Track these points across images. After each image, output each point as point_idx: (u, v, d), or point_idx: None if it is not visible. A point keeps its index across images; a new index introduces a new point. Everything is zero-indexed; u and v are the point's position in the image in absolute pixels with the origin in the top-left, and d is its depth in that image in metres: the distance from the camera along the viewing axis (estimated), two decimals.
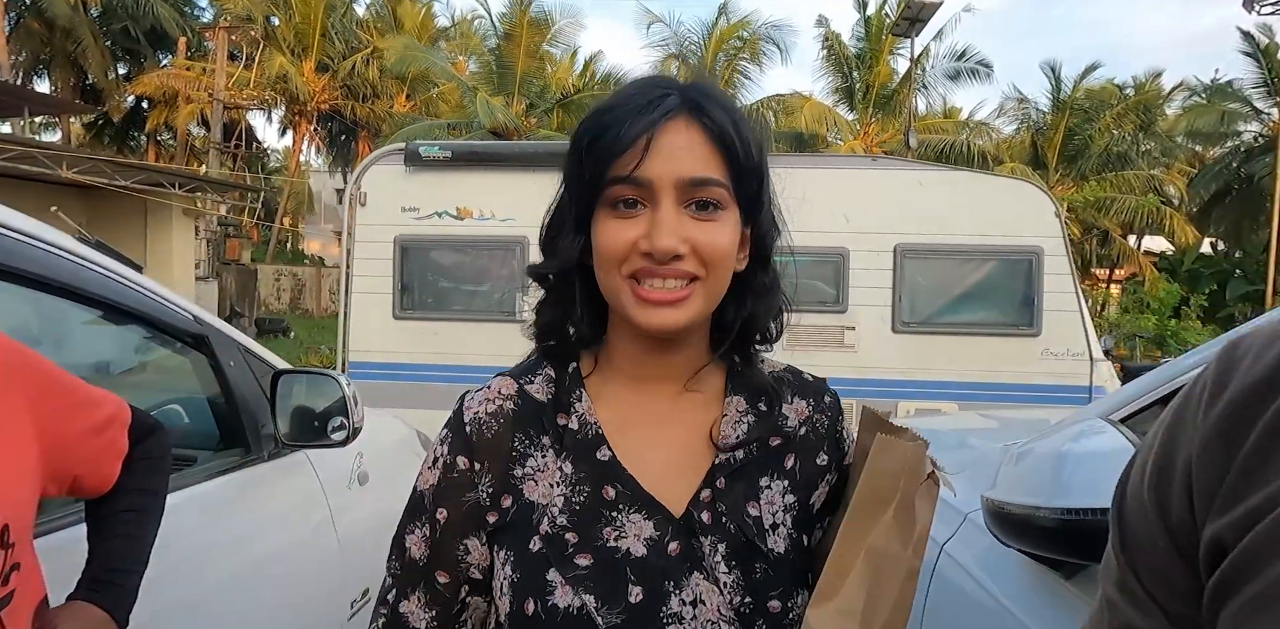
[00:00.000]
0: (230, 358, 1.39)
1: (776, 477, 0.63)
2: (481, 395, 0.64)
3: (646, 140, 0.56)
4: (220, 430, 1.40)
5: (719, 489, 0.61)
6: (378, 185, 4.69)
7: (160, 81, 20.49)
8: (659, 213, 0.57)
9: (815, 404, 0.67)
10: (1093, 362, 4.31)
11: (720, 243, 0.58)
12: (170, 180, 10.30)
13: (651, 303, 0.57)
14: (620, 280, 0.58)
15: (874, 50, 19.87)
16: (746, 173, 0.59)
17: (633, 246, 0.57)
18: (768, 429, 0.64)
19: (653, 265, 0.57)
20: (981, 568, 1.07)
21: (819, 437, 0.66)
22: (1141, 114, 20.01)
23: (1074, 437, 0.85)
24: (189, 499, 1.28)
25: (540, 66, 19.64)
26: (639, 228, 0.57)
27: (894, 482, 0.59)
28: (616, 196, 0.58)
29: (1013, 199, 4.39)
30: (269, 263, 19.84)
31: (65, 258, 1.09)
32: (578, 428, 0.62)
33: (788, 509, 0.63)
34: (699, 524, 0.59)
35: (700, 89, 0.59)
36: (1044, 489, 0.81)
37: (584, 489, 0.60)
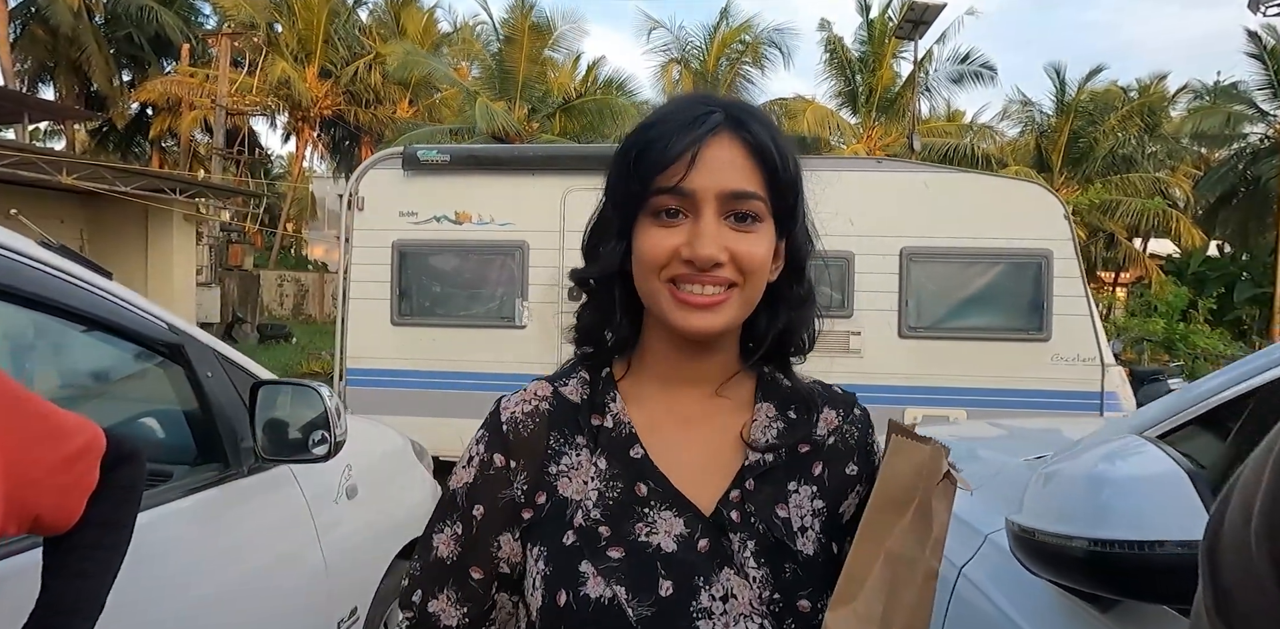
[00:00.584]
0: (207, 368, 1.32)
1: (804, 482, 0.65)
2: (518, 397, 0.67)
3: (692, 154, 0.59)
4: (197, 444, 1.34)
5: (748, 490, 0.63)
6: (375, 189, 4.64)
7: (164, 88, 20.55)
8: (701, 223, 0.60)
9: (845, 415, 0.69)
10: (1104, 367, 4.22)
11: (757, 253, 0.61)
12: (171, 186, 10.28)
13: (691, 306, 0.60)
14: (660, 284, 0.61)
15: (877, 54, 19.85)
16: (784, 187, 0.62)
17: (674, 253, 0.60)
18: (798, 436, 0.66)
19: (693, 272, 0.60)
20: (1004, 594, 1.00)
21: (848, 447, 0.68)
22: (1146, 116, 19.92)
23: (1109, 456, 0.78)
24: (163, 517, 1.22)
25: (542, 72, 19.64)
26: (680, 236, 0.60)
27: (910, 485, 0.59)
28: (660, 206, 0.61)
29: (1021, 201, 4.32)
30: (272, 268, 19.83)
31: (26, 264, 1.03)
32: (612, 427, 0.64)
33: (816, 514, 0.64)
34: (728, 522, 0.61)
35: (742, 107, 0.63)
36: (1078, 516, 0.74)
37: (617, 485, 0.62)
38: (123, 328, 1.18)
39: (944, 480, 0.60)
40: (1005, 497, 1.16)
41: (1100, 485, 0.73)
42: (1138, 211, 17.57)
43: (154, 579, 1.16)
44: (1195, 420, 0.86)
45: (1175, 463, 0.67)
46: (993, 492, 1.19)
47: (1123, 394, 4.27)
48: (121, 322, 1.18)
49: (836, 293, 4.28)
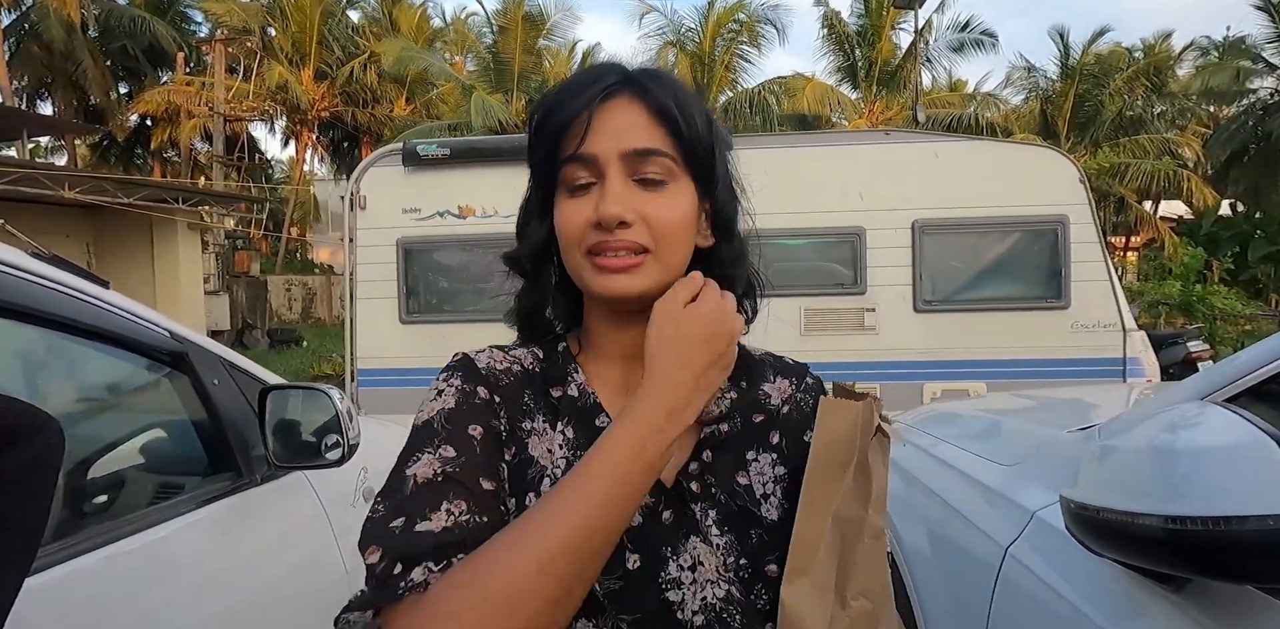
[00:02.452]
0: (214, 375, 1.28)
1: (763, 450, 0.64)
2: (486, 355, 0.65)
3: (588, 117, 0.59)
4: (208, 454, 1.30)
5: (705, 462, 0.62)
6: (376, 188, 4.59)
7: (161, 98, 20.54)
8: (606, 184, 0.59)
9: (798, 384, 0.68)
10: (1125, 332, 4.13)
11: (670, 214, 0.60)
12: (173, 195, 10.29)
13: (608, 270, 0.59)
14: (581, 258, 0.60)
15: (875, 26, 19.54)
16: (692, 144, 0.60)
17: (587, 223, 0.59)
18: (748, 404, 0.65)
19: (605, 236, 0.58)
20: (1060, 575, 0.94)
21: (803, 415, 0.66)
22: (1153, 76, 19.53)
23: (1175, 425, 0.72)
24: (178, 530, 1.19)
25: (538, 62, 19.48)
26: (591, 205, 0.59)
27: (849, 443, 0.58)
28: (571, 180, 0.60)
29: (1034, 167, 4.21)
30: (279, 273, 19.89)
31: (17, 277, 0.99)
32: (577, 396, 0.63)
33: (778, 480, 0.63)
34: (689, 493, 0.61)
35: (643, 70, 0.62)
36: (1148, 491, 0.68)
37: (582, 454, 0.58)
38: (123, 338, 1.15)
39: (877, 434, 0.59)
40: (1051, 471, 1.10)
41: (1172, 457, 0.67)
42: (1148, 173, 17.28)
43: (170, 594, 1.13)
44: (1260, 386, 0.80)
45: (1258, 429, 0.61)
46: (1036, 466, 1.14)
47: (1145, 359, 4.18)
48: (121, 331, 1.14)
49: (848, 270, 4.20)
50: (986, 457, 1.29)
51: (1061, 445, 1.12)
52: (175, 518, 1.19)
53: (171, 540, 1.17)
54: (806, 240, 4.14)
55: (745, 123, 18.08)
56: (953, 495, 1.26)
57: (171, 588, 1.14)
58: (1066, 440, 1.13)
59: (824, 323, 4.16)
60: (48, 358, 1.19)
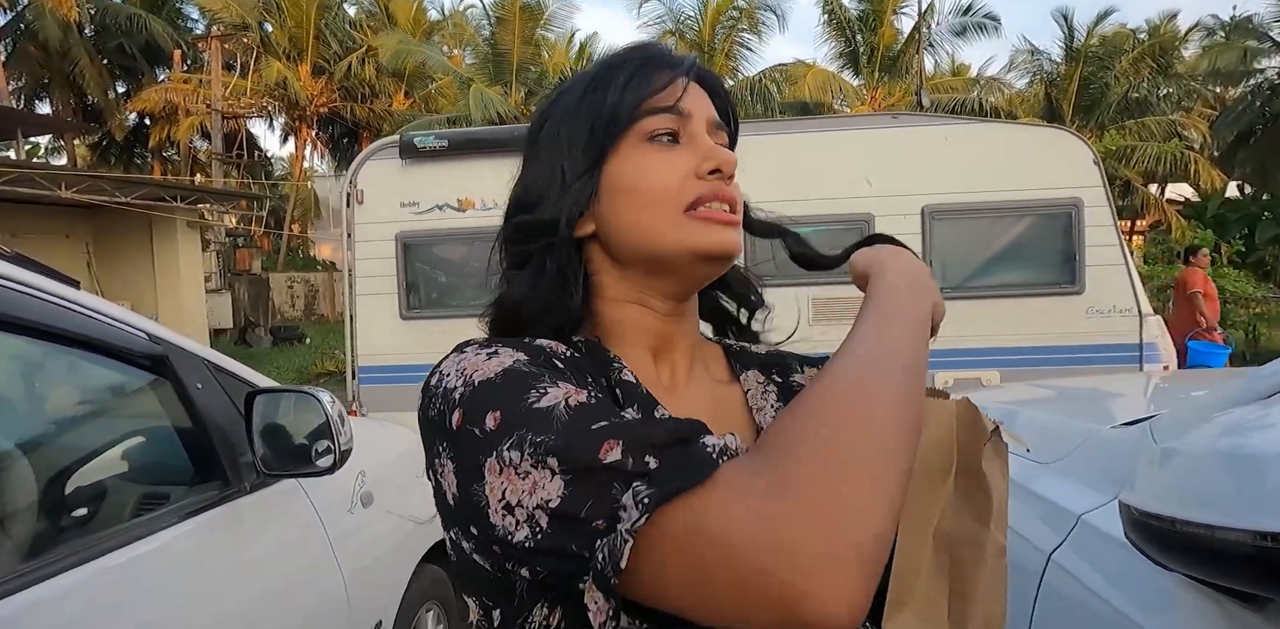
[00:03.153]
0: (197, 379, 1.21)
1: None
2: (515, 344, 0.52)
3: (685, 80, 0.57)
4: (193, 463, 1.23)
5: None
6: (374, 182, 4.51)
7: (159, 96, 20.43)
8: (700, 139, 0.56)
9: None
10: (1141, 317, 4.04)
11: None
12: (172, 193, 10.21)
13: (721, 223, 0.54)
14: (675, 215, 0.54)
15: (876, 11, 19.31)
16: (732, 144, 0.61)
17: (686, 174, 0.54)
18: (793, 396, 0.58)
19: (717, 187, 0.54)
20: (1114, 586, 0.86)
21: None
22: (1158, 57, 19.27)
23: (1252, 427, 0.64)
24: (164, 544, 1.12)
25: (536, 53, 19.30)
26: (686, 158, 0.55)
27: (945, 448, 0.51)
28: (654, 129, 0.55)
29: (1046, 149, 4.10)
30: (280, 271, 19.84)
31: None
32: (635, 382, 0.54)
33: None
34: None
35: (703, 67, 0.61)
36: (1231, 501, 0.60)
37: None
38: (96, 342, 1.07)
39: (992, 438, 0.51)
40: (1097, 471, 1.02)
41: (1258, 463, 0.59)
42: (1154, 156, 17.07)
43: (156, 613, 1.07)
44: None
45: None
46: (1078, 465, 1.06)
47: (1161, 344, 4.09)
48: (94, 335, 1.06)
49: None
50: (1020, 453, 1.21)
51: (1106, 442, 1.04)
52: (160, 531, 1.12)
53: (156, 555, 1.10)
54: (814, 228, 4.04)
55: (747, 111, 17.91)
56: None
57: (158, 605, 1.08)
58: (1111, 437, 1.05)
59: (832, 312, 4.07)
60: (12, 366, 1.12)
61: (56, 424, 1.19)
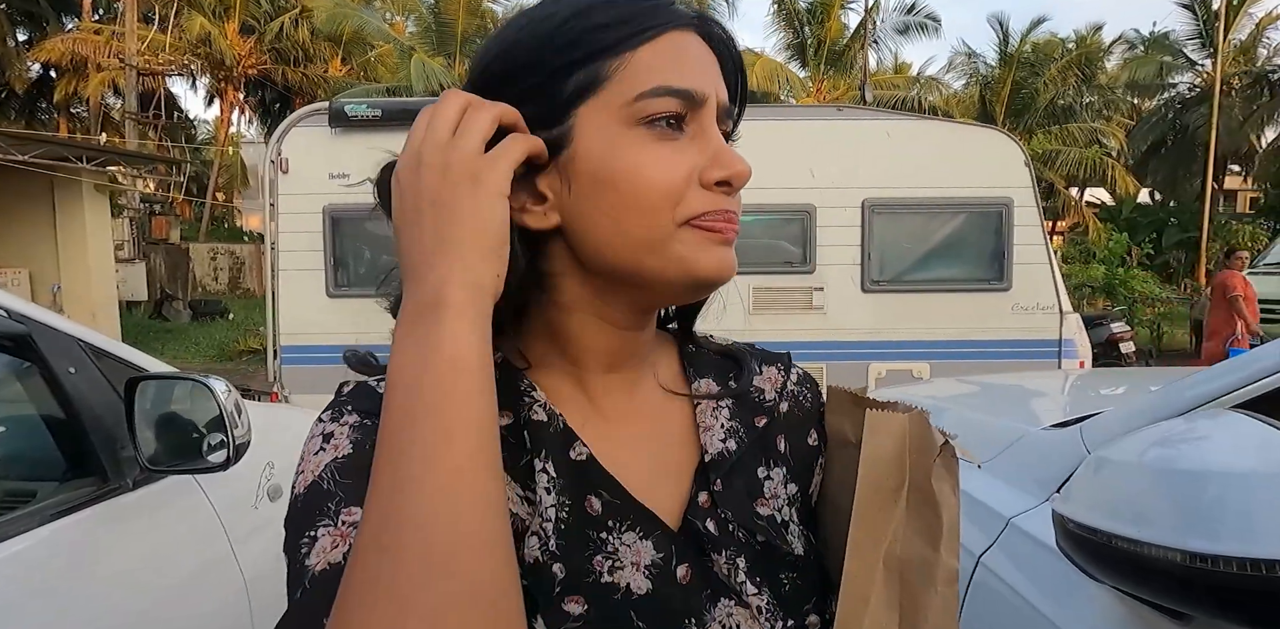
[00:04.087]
0: (70, 363, 1.07)
1: (774, 464, 0.51)
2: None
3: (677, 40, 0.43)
4: (65, 456, 1.10)
5: (717, 491, 0.47)
6: (300, 150, 4.25)
7: (65, 47, 18.82)
8: (714, 136, 0.44)
9: (785, 371, 0.55)
10: (1062, 314, 4.22)
11: None
12: (76, 153, 9.43)
13: (724, 243, 0.44)
14: (670, 225, 0.43)
15: (825, 5, 19.52)
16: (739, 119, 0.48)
17: (689, 178, 0.43)
18: (746, 407, 0.51)
19: (722, 204, 0.44)
20: (1040, 590, 0.86)
21: (805, 412, 0.54)
22: (1083, 67, 20.20)
23: (1191, 438, 0.63)
24: (26, 548, 0.99)
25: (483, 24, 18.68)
26: (691, 154, 0.43)
27: (897, 465, 0.47)
28: (661, 111, 0.42)
29: (983, 148, 4.21)
30: (203, 241, 18.77)
31: None
32: (546, 419, 0.45)
33: (790, 501, 0.51)
34: (706, 537, 0.46)
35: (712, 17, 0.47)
36: (1163, 517, 0.59)
37: (565, 502, 0.45)
38: None
39: (942, 454, 0.47)
40: (1027, 473, 1.02)
41: (1194, 479, 0.57)
42: (1076, 161, 17.95)
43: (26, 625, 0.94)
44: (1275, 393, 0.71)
45: None
46: (1008, 466, 1.05)
47: (1079, 341, 4.30)
48: None
49: (798, 248, 4.13)
50: None
51: (1037, 444, 1.04)
52: (23, 532, 0.99)
53: (21, 559, 0.97)
54: (755, 217, 4.04)
55: None
56: None
57: (18, 620, 0.95)
58: (1042, 439, 1.05)
59: (772, 302, 4.10)
60: None
61: None
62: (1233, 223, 17.32)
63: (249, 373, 8.43)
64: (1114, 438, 0.81)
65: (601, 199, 0.43)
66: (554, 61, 0.43)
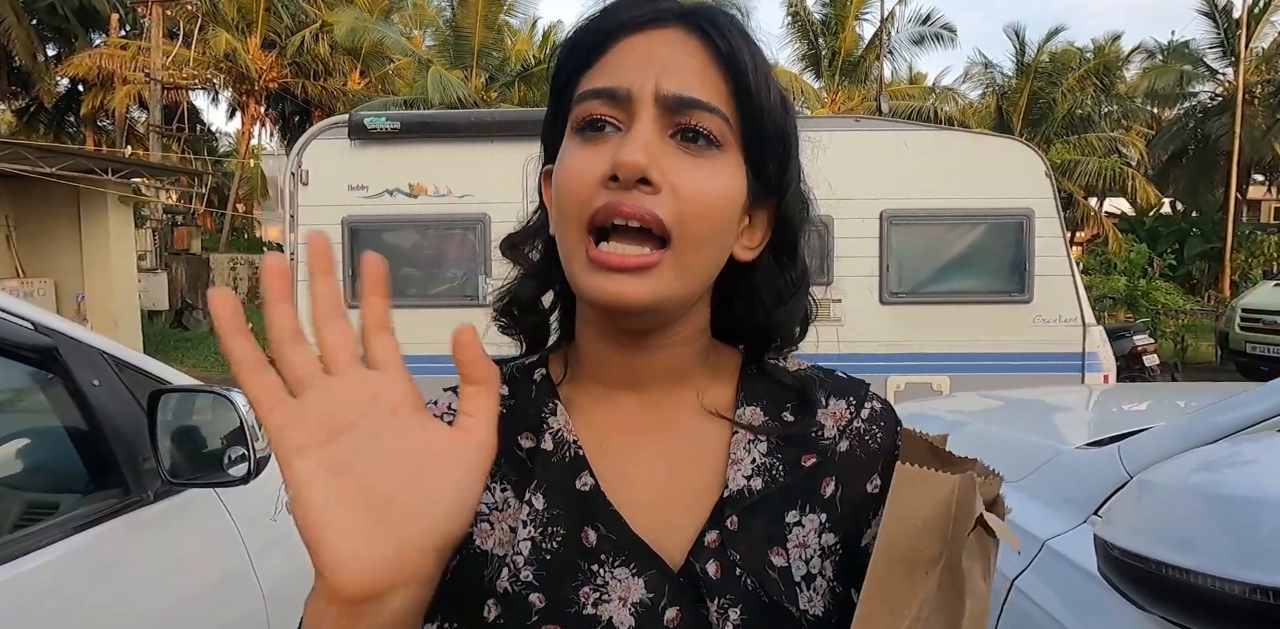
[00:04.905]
0: (94, 375, 1.08)
1: (811, 509, 0.47)
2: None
3: (619, 43, 0.43)
4: (88, 468, 1.10)
5: (730, 531, 0.45)
6: (320, 162, 4.30)
7: (93, 62, 19.27)
8: (634, 129, 0.42)
9: (856, 406, 0.50)
10: (1085, 327, 4.16)
11: (709, 187, 0.42)
12: (102, 166, 9.62)
13: (607, 267, 0.41)
14: (577, 234, 0.42)
15: (839, 16, 19.59)
16: (758, 108, 0.43)
17: (596, 181, 0.42)
18: (795, 442, 0.48)
19: (618, 197, 0.41)
20: (1077, 616, 0.83)
21: (869, 454, 0.49)
22: (1102, 76, 20.07)
23: (1246, 462, 0.60)
24: (50, 560, 0.99)
25: (498, 38, 18.92)
26: (607, 154, 0.42)
27: (936, 534, 0.41)
28: (584, 116, 0.43)
29: (1002, 159, 4.18)
30: (223, 251, 19.03)
31: None
32: (552, 449, 0.46)
33: (826, 553, 0.46)
34: (704, 580, 0.43)
35: (706, 5, 0.45)
36: (1219, 547, 0.56)
37: (558, 532, 0.45)
38: None
39: (976, 528, 0.41)
40: (1062, 494, 0.99)
41: (1254, 508, 0.55)
42: (1095, 171, 17.79)
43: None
44: None
45: None
46: (1043, 486, 1.03)
47: (1103, 354, 4.23)
48: None
49: (815, 259, 4.10)
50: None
51: (1072, 464, 1.01)
52: (47, 545, 0.99)
53: (41, 572, 0.97)
54: None
55: None
56: None
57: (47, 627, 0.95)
58: (1078, 459, 1.02)
59: None
60: None
61: None
62: (1257, 233, 17.04)
63: None
64: (1155, 460, 0.78)
65: (553, 212, 0.45)
66: (552, 91, 0.47)
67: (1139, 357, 6.95)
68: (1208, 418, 0.82)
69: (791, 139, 0.47)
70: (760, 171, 0.45)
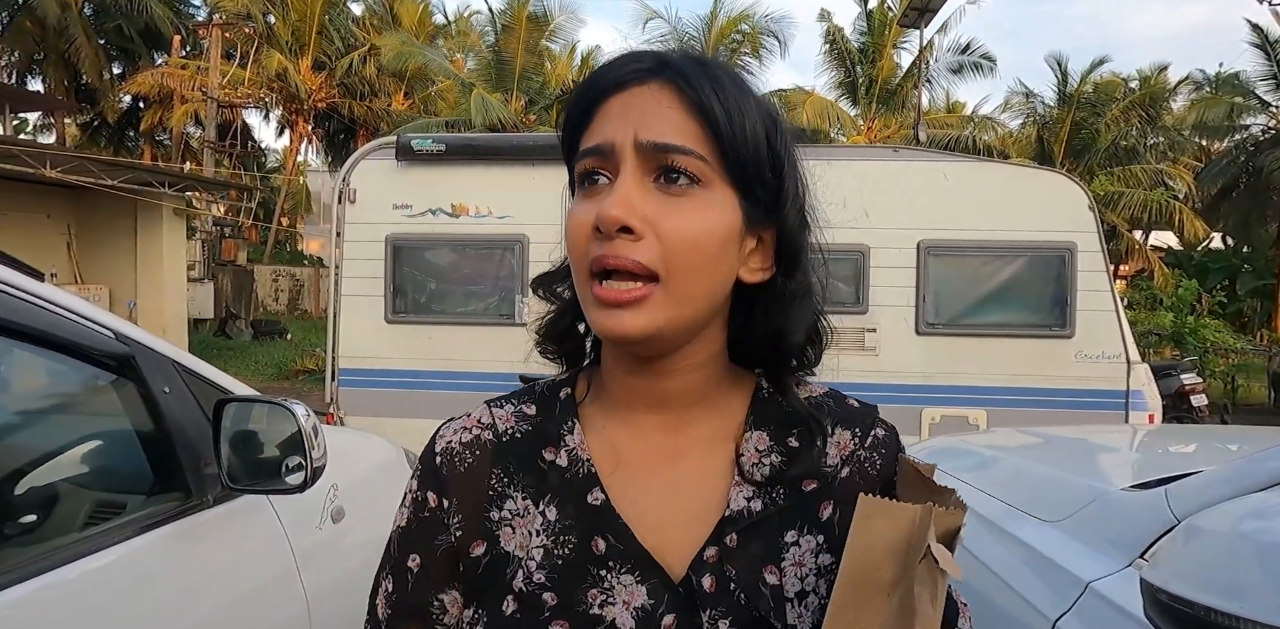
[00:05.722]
0: (165, 382, 1.14)
1: (808, 531, 0.50)
2: (459, 423, 0.56)
3: (604, 105, 0.49)
4: (154, 471, 1.16)
5: (728, 548, 0.49)
6: (368, 181, 4.45)
7: (154, 80, 20.23)
8: (616, 181, 0.47)
9: (861, 436, 0.54)
10: (1130, 364, 4.06)
11: (687, 226, 0.47)
12: (159, 179, 10.05)
13: (603, 303, 0.47)
14: (584, 277, 0.48)
15: (877, 44, 19.67)
16: (735, 147, 0.47)
17: (590, 231, 0.47)
18: (799, 470, 0.51)
19: (603, 249, 0.46)
20: None
21: (869, 480, 0.53)
22: (1148, 107, 19.75)
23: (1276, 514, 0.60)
24: (116, 559, 1.04)
25: (539, 63, 19.39)
26: (596, 206, 0.47)
27: (897, 559, 0.44)
28: (581, 172, 0.49)
29: (1044, 191, 4.14)
30: (266, 263, 19.60)
31: None
32: (567, 465, 0.52)
33: (821, 572, 0.50)
34: (699, 593, 0.48)
35: (685, 55, 0.50)
36: (1271, 594, 0.56)
37: (569, 540, 0.50)
38: (58, 339, 1.00)
39: (925, 559, 0.43)
40: (1108, 535, 0.98)
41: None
42: (1140, 203, 17.42)
43: None
44: None
45: None
46: (1088, 527, 1.02)
47: (1148, 393, 4.11)
48: (56, 331, 0.99)
49: (850, 288, 4.10)
50: (1023, 508, 1.17)
51: (1118, 505, 1.00)
52: (114, 545, 1.04)
53: (108, 571, 1.02)
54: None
55: None
56: (985, 551, 1.13)
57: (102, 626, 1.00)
58: (1124, 500, 1.01)
59: None
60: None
61: (9, 423, 1.12)
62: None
63: (305, 392, 8.69)
64: (1204, 505, 0.78)
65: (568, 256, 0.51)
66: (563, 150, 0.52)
67: (1186, 396, 6.72)
68: (1260, 463, 0.81)
69: (782, 164, 0.51)
70: (752, 198, 0.49)
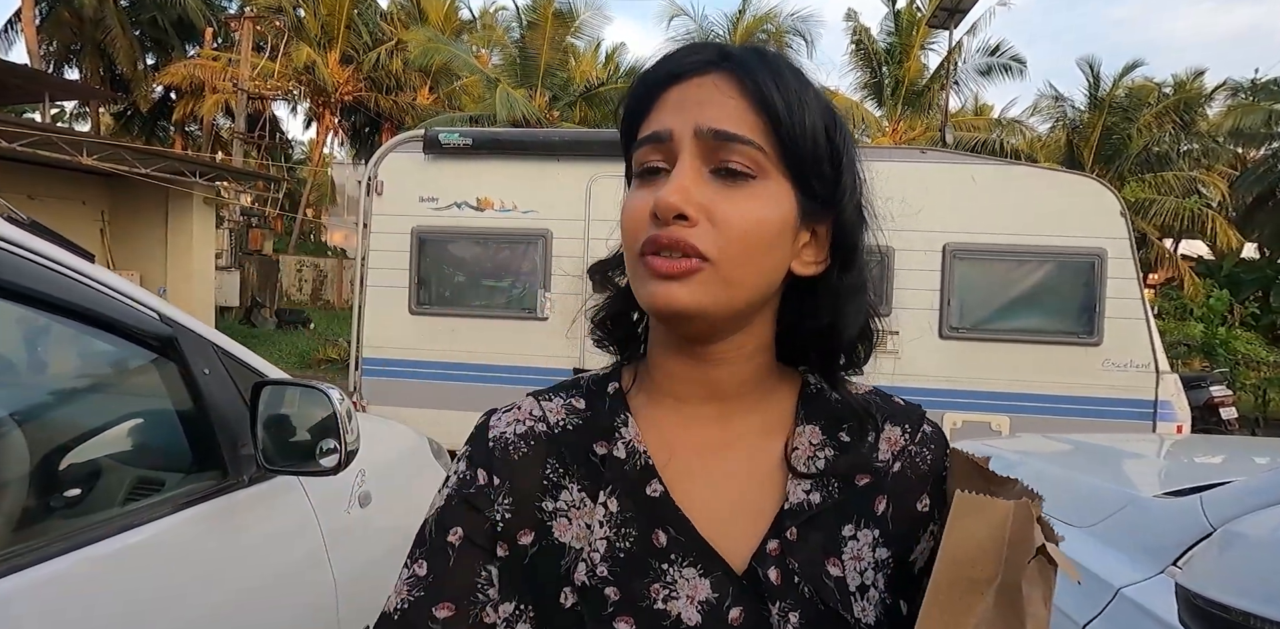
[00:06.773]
0: (205, 364, 1.16)
1: (865, 525, 0.51)
2: (509, 415, 0.55)
3: (664, 95, 0.49)
4: (193, 450, 1.18)
5: (789, 541, 0.49)
6: (395, 174, 4.49)
7: (187, 71, 20.57)
8: (675, 170, 0.48)
9: (911, 432, 0.54)
10: (1159, 373, 3.99)
11: (742, 215, 0.47)
12: (191, 169, 10.23)
13: (655, 274, 0.47)
14: (636, 259, 0.49)
15: (904, 45, 19.46)
16: (793, 138, 0.48)
17: (646, 216, 0.48)
18: (853, 464, 0.51)
19: (659, 231, 0.47)
20: None
21: (919, 475, 0.53)
22: (1182, 113, 19.35)
23: None
24: (155, 535, 1.06)
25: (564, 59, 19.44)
26: (654, 194, 0.48)
27: (992, 556, 0.43)
28: (640, 162, 0.50)
29: (1076, 197, 4.07)
30: (291, 253, 19.87)
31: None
32: (625, 457, 0.51)
33: (879, 566, 0.50)
34: (766, 585, 0.47)
35: (745, 48, 0.51)
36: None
37: (630, 533, 0.49)
38: (105, 319, 1.03)
39: (1038, 557, 0.43)
40: (1139, 541, 0.97)
41: None
42: (1172, 211, 17.08)
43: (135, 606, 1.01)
44: None
45: None
46: (1119, 533, 1.01)
47: (1177, 404, 4.03)
48: (104, 311, 1.02)
49: (874, 290, 4.07)
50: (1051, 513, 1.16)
51: (1150, 512, 0.99)
52: (153, 520, 1.07)
53: (146, 546, 1.05)
54: None
55: None
56: None
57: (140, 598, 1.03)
58: (1156, 507, 1.00)
59: None
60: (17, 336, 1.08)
61: (56, 398, 1.15)
62: None
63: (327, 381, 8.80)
64: (1240, 513, 0.77)
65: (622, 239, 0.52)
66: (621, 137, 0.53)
67: (1215, 408, 6.59)
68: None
69: (840, 158, 0.51)
70: (808, 191, 0.50)
